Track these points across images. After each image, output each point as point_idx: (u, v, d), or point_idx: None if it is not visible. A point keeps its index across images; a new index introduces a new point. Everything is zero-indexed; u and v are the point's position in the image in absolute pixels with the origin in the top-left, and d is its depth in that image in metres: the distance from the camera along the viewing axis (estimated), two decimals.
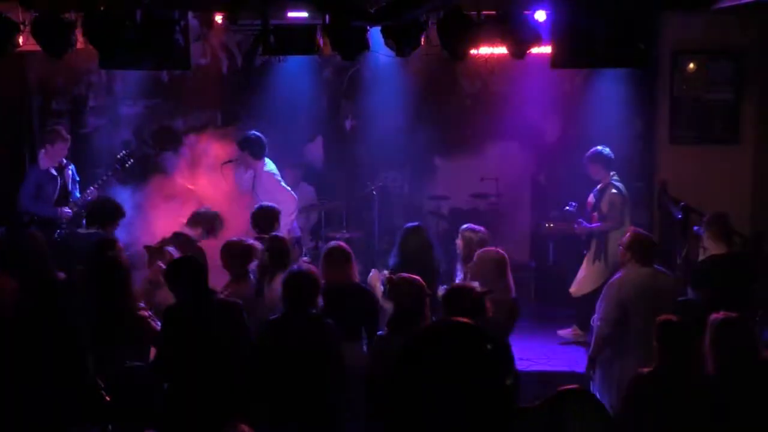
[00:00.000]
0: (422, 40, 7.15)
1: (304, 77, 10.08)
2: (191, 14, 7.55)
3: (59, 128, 8.67)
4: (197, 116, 10.15)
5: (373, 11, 6.95)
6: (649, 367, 4.94)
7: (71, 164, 8.70)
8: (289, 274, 5.67)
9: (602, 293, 6.43)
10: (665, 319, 5.00)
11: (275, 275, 6.39)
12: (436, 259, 7.09)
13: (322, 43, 7.51)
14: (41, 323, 6.14)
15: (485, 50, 8.10)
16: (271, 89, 10.10)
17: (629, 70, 8.99)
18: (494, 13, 6.87)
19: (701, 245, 6.99)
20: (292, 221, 8.55)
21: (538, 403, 2.68)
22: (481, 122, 10.15)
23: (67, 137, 8.53)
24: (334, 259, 6.28)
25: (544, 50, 7.47)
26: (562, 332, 8.61)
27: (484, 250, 6.39)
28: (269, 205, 7.63)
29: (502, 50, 7.38)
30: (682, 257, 7.71)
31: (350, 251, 6.39)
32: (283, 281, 5.68)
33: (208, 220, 7.59)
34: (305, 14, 7.78)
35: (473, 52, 7.45)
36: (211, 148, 9.28)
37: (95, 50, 7.22)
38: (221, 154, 8.99)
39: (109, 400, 4.68)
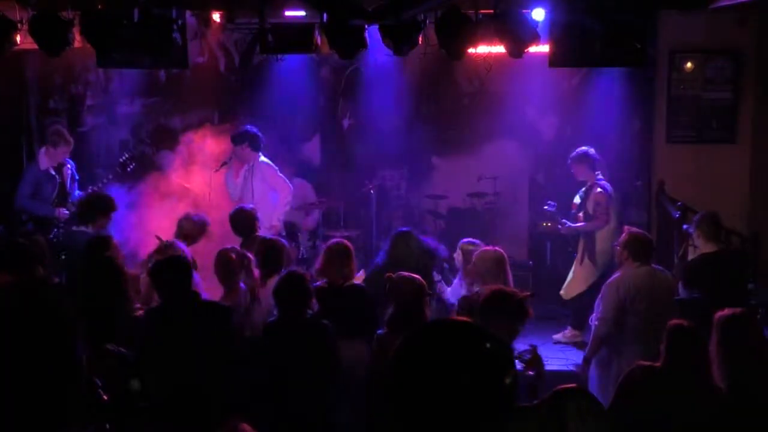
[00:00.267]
0: (420, 39, 7.15)
1: (301, 76, 10.07)
2: (189, 13, 7.54)
3: (63, 130, 8.60)
4: (195, 115, 10.13)
5: (371, 10, 6.95)
6: (651, 362, 4.87)
7: (71, 162, 8.66)
8: (280, 278, 5.67)
9: (601, 293, 6.43)
10: (677, 323, 4.85)
11: (268, 278, 6.40)
12: (427, 264, 6.89)
13: (319, 41, 7.51)
14: (37, 323, 6.15)
15: (483, 49, 8.09)
16: (268, 88, 10.08)
17: (627, 69, 9.00)
18: (492, 12, 6.86)
19: (691, 244, 7.01)
20: (285, 212, 8.60)
21: (536, 402, 2.68)
22: (478, 121, 10.15)
23: (70, 140, 8.47)
24: (335, 255, 6.27)
25: (542, 49, 7.48)
26: (557, 336, 8.57)
27: (483, 249, 6.37)
28: (244, 207, 7.62)
29: (500, 49, 7.37)
30: (679, 256, 7.71)
31: (351, 248, 6.38)
32: (274, 286, 5.68)
33: (190, 229, 7.53)
34: (303, 13, 7.78)
35: (471, 51, 7.46)
36: (208, 146, 9.29)
37: (93, 49, 7.23)
38: (218, 152, 9.00)
39: (106, 399, 4.66)
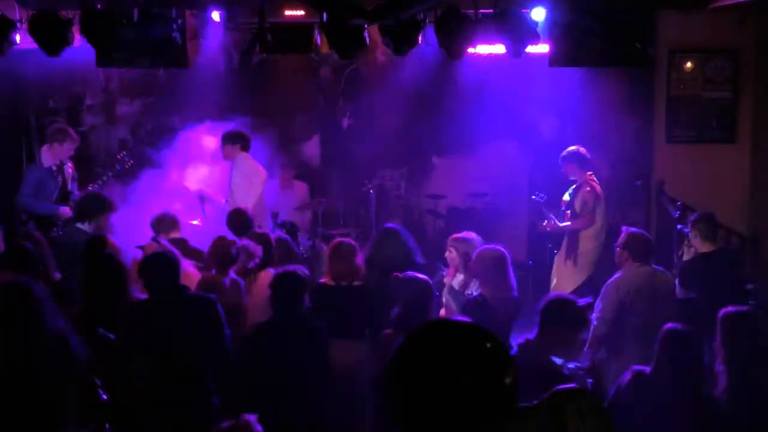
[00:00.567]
0: (420, 38, 7.15)
1: (301, 76, 10.07)
2: (188, 12, 7.54)
3: (68, 128, 8.62)
4: (194, 114, 10.12)
5: (370, 10, 6.95)
6: (647, 366, 4.89)
7: (70, 161, 8.67)
8: (275, 275, 5.68)
9: (601, 293, 6.42)
10: (670, 328, 4.83)
11: (259, 272, 6.43)
12: (410, 262, 6.81)
13: (319, 41, 7.51)
14: (38, 322, 6.15)
15: (483, 49, 8.10)
16: (268, 88, 10.09)
17: (626, 69, 9.00)
18: (492, 11, 6.86)
19: (687, 244, 7.01)
20: (260, 193, 8.64)
21: (536, 402, 2.68)
22: (478, 121, 10.15)
23: (76, 137, 8.48)
24: (341, 254, 6.27)
25: (541, 49, 7.48)
26: None
27: (484, 248, 6.25)
28: (241, 208, 7.64)
29: (499, 49, 7.38)
30: (678, 256, 7.72)
31: (356, 246, 6.37)
32: (270, 283, 5.68)
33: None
34: (302, 13, 7.78)
35: (471, 50, 7.46)
36: (207, 146, 9.28)
37: (92, 48, 7.23)
38: (217, 151, 8.98)
39: (106, 398, 4.67)
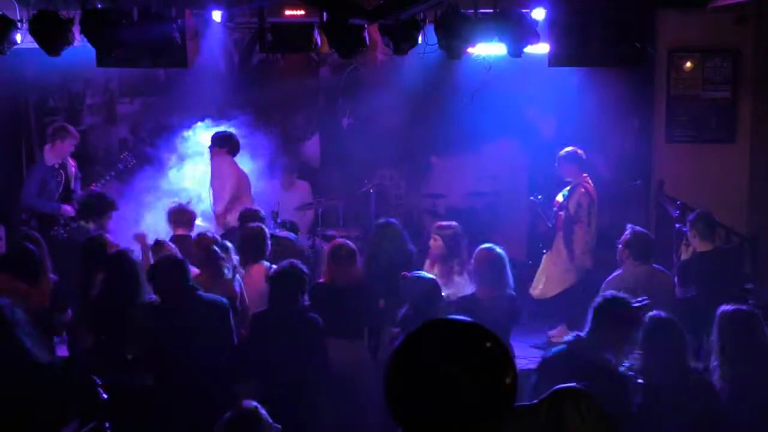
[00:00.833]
0: (419, 38, 7.15)
1: (301, 75, 10.07)
2: (188, 12, 7.54)
3: (68, 126, 8.72)
4: (194, 114, 10.12)
5: (370, 9, 6.96)
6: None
7: (73, 160, 8.73)
8: (276, 269, 5.69)
9: (601, 291, 6.43)
10: (655, 315, 4.98)
11: (248, 266, 6.47)
12: (406, 256, 6.94)
13: (319, 41, 7.51)
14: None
15: (482, 48, 8.09)
16: (268, 87, 10.08)
17: (626, 69, 8.99)
18: (491, 11, 6.87)
19: (685, 243, 7.01)
20: (234, 197, 8.54)
21: (535, 402, 2.69)
22: (478, 120, 10.13)
23: (76, 134, 8.62)
24: (340, 257, 6.28)
25: (541, 49, 7.48)
26: (552, 332, 8.60)
27: (483, 248, 6.27)
28: (250, 207, 7.73)
29: (499, 48, 7.38)
30: (677, 255, 7.73)
31: (356, 249, 6.39)
32: (269, 277, 5.70)
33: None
34: (302, 12, 7.78)
35: (470, 50, 7.46)
36: (206, 144, 9.26)
37: (93, 48, 7.23)
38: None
39: (106, 398, 4.68)
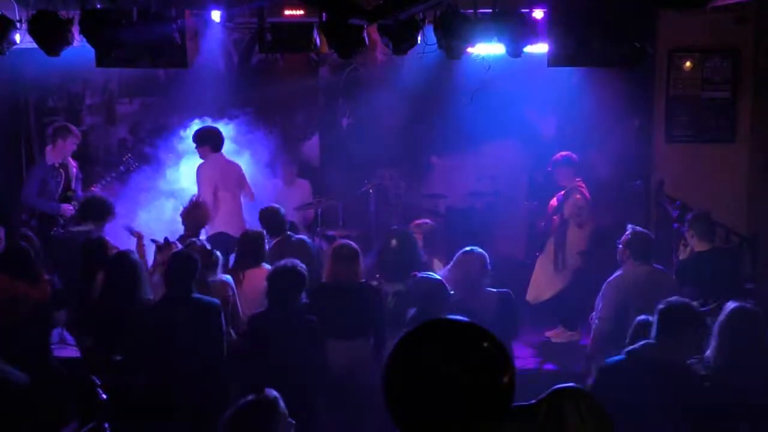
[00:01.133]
0: (419, 38, 7.15)
1: (300, 75, 10.07)
2: (188, 12, 7.54)
3: (68, 124, 8.76)
4: (194, 114, 10.13)
5: (369, 9, 6.95)
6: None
7: (74, 162, 8.76)
8: (274, 269, 5.69)
9: (601, 291, 6.44)
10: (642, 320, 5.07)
11: (249, 269, 6.49)
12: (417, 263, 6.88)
13: (318, 41, 7.51)
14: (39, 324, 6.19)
15: (482, 48, 8.09)
16: (267, 87, 10.08)
17: (625, 68, 8.98)
18: (491, 11, 6.87)
19: (683, 243, 7.02)
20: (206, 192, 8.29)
21: (534, 401, 2.68)
22: (477, 120, 10.13)
23: (78, 134, 8.66)
24: (342, 257, 6.27)
25: (540, 49, 7.47)
26: (549, 332, 8.61)
27: (467, 250, 6.29)
28: (273, 206, 7.68)
29: (498, 48, 7.38)
30: (677, 255, 7.73)
31: (358, 249, 6.39)
32: (268, 276, 5.70)
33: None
34: (302, 12, 7.78)
35: (470, 50, 7.45)
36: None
37: (92, 48, 7.22)
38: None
39: (105, 398, 4.69)
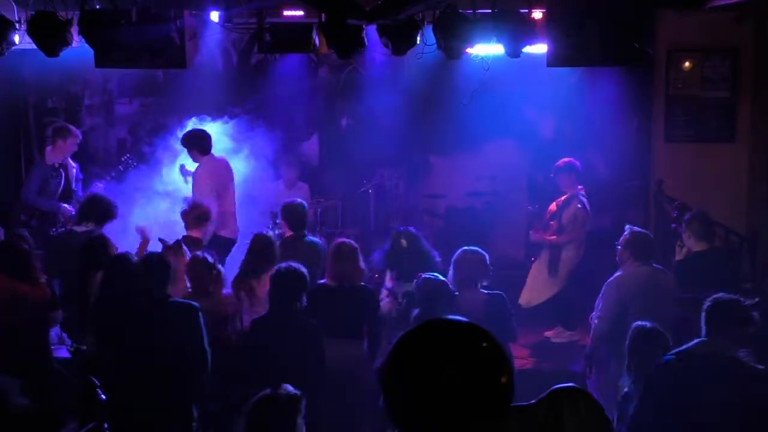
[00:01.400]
0: (418, 38, 7.15)
1: (300, 76, 10.07)
2: (187, 13, 7.54)
3: (68, 125, 8.78)
4: (193, 114, 10.13)
5: (368, 9, 6.95)
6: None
7: (75, 164, 8.80)
8: (276, 271, 5.68)
9: (601, 291, 6.43)
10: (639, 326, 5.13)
11: (262, 274, 6.42)
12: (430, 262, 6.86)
13: (318, 41, 7.50)
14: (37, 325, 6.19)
15: (481, 48, 8.09)
16: (267, 88, 10.08)
17: (625, 68, 8.99)
18: (490, 11, 6.86)
19: (679, 244, 7.01)
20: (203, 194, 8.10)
21: (533, 402, 2.68)
22: (476, 121, 10.13)
23: (78, 134, 8.67)
24: (342, 255, 6.27)
25: (540, 49, 7.47)
26: (548, 333, 8.61)
27: (467, 250, 6.30)
28: (296, 200, 7.64)
29: (498, 49, 7.37)
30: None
31: (357, 248, 6.38)
32: (270, 278, 5.69)
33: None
34: (301, 13, 7.78)
35: (469, 50, 7.45)
36: None
37: (91, 49, 7.22)
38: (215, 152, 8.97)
39: (104, 398, 4.69)
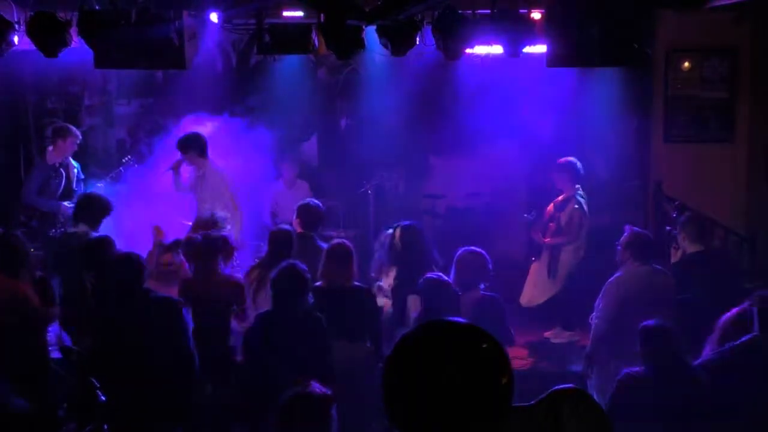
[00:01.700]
0: (417, 39, 7.15)
1: (299, 76, 10.07)
2: (186, 13, 7.54)
3: (68, 125, 8.79)
4: (192, 115, 10.14)
5: (368, 10, 6.95)
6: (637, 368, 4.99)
7: (76, 164, 8.80)
8: (279, 269, 5.68)
9: (601, 292, 6.43)
10: (645, 325, 5.10)
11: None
12: (430, 259, 6.93)
13: (317, 42, 7.51)
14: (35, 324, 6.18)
15: (480, 49, 8.09)
16: (266, 88, 10.09)
17: (624, 68, 8.99)
18: (489, 11, 6.87)
19: (674, 246, 7.01)
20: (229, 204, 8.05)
21: (533, 402, 2.68)
22: (476, 121, 10.14)
23: (77, 134, 8.68)
24: (336, 257, 6.27)
25: (539, 49, 7.48)
26: (548, 333, 8.62)
27: (466, 250, 6.31)
28: (311, 201, 7.57)
29: (497, 49, 7.38)
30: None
31: (352, 249, 6.38)
32: (272, 276, 5.69)
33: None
34: (301, 13, 7.79)
35: (468, 50, 7.45)
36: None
37: (90, 49, 7.22)
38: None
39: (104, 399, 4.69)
